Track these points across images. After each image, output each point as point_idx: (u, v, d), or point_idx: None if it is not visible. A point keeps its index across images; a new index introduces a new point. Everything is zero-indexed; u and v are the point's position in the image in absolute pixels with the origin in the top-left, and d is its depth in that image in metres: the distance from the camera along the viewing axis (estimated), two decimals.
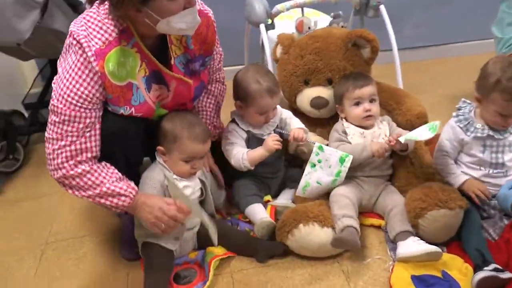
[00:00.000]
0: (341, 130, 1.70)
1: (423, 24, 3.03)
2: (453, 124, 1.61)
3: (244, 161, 1.63)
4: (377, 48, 1.79)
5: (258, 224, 1.58)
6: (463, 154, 1.62)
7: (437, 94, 2.59)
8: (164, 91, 1.48)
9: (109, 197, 1.40)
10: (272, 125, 1.73)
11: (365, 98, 1.67)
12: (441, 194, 1.48)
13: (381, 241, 1.61)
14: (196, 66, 1.55)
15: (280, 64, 1.91)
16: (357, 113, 1.68)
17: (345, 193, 1.61)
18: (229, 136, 1.69)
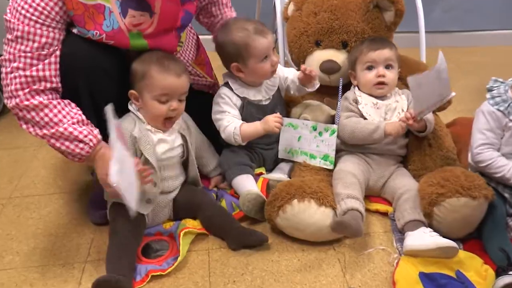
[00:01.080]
0: (352, 99, 1.48)
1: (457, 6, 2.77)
2: (491, 109, 1.35)
3: (236, 136, 1.43)
4: (402, 11, 1.57)
5: (243, 196, 1.36)
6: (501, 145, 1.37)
7: (459, 85, 2.36)
8: (146, 18, 1.27)
9: (65, 141, 1.20)
10: (271, 89, 1.52)
11: (379, 62, 1.46)
12: (464, 180, 1.25)
13: (386, 230, 1.39)
14: None
15: (290, 22, 1.69)
16: (368, 78, 1.46)
17: (352, 170, 1.39)
18: (220, 103, 1.47)
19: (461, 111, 1.98)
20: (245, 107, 1.48)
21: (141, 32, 1.28)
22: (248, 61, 1.42)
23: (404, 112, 1.46)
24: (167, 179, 1.36)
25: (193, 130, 1.44)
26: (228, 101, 1.47)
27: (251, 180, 1.44)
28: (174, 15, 1.32)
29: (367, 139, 1.41)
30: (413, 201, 1.33)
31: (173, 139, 1.35)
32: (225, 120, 1.45)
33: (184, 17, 1.40)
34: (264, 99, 1.50)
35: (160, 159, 1.32)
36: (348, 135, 1.43)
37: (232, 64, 1.45)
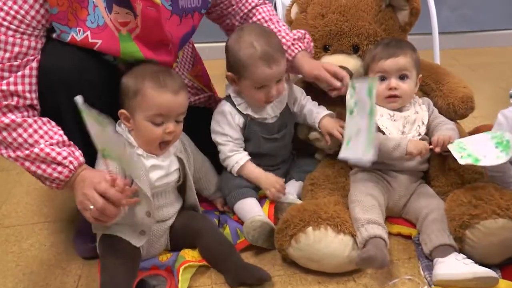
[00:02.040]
0: None
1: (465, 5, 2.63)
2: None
3: (234, 171, 1.32)
4: (418, 10, 1.43)
5: (247, 224, 1.20)
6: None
7: (477, 87, 2.16)
8: (132, 18, 1.13)
9: (42, 164, 1.06)
10: (278, 107, 1.36)
11: (391, 72, 1.30)
12: (500, 198, 1.10)
13: (411, 256, 1.23)
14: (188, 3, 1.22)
15: (294, 26, 1.54)
16: (380, 90, 1.30)
17: (370, 190, 1.23)
18: (221, 123, 1.32)
19: (478, 117, 1.84)
20: (247, 126, 1.33)
21: (130, 32, 1.14)
22: (243, 81, 1.27)
23: (424, 125, 1.31)
24: (162, 206, 1.21)
25: (191, 151, 1.28)
26: (230, 120, 1.31)
27: (256, 204, 1.28)
28: (155, 23, 1.16)
29: (386, 157, 1.25)
30: (441, 222, 1.18)
31: (169, 164, 1.19)
32: (227, 149, 1.32)
33: (188, 33, 1.27)
34: (270, 117, 1.35)
35: (154, 186, 1.17)
36: None
37: (229, 73, 1.30)
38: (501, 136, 1.18)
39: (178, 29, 1.23)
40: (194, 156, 1.30)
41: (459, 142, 1.23)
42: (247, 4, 1.42)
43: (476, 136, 1.24)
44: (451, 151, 1.21)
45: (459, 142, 1.23)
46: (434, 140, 1.24)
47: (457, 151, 1.20)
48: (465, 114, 1.43)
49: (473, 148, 1.19)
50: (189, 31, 1.27)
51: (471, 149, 1.19)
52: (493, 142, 1.18)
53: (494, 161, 1.14)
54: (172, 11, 1.20)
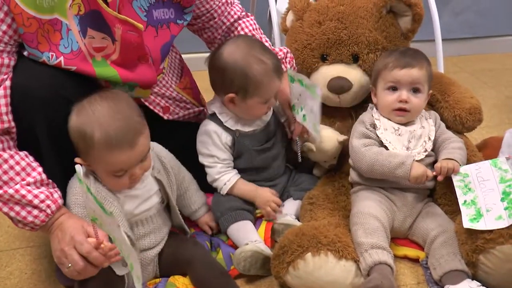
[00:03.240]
0: (369, 123, 1.24)
1: (467, 10, 2.55)
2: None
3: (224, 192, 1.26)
4: (421, 15, 1.34)
5: (237, 254, 1.11)
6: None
7: (482, 95, 2.13)
8: (109, 43, 1.05)
9: (15, 206, 0.97)
10: (268, 114, 1.29)
11: (404, 83, 1.21)
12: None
13: (420, 281, 1.14)
14: (162, 14, 1.14)
15: (290, 35, 1.46)
16: (389, 101, 1.23)
17: (374, 211, 1.14)
18: (208, 144, 1.24)
19: (485, 127, 1.76)
20: (237, 142, 1.25)
21: (105, 58, 1.06)
22: (250, 99, 1.19)
23: (430, 141, 1.23)
24: (147, 234, 1.12)
25: (171, 168, 1.18)
26: (215, 140, 1.23)
27: (250, 228, 1.20)
28: (136, 47, 1.09)
29: (388, 175, 1.17)
30: (451, 245, 1.10)
31: (146, 190, 1.10)
32: (215, 171, 1.24)
33: (167, 44, 1.19)
34: (259, 127, 1.28)
35: (134, 215, 1.08)
36: (366, 167, 1.19)
37: (229, 95, 1.20)
38: (510, 185, 1.08)
39: (155, 41, 1.16)
40: (175, 172, 1.20)
41: (465, 175, 1.15)
42: (230, 17, 1.35)
43: (485, 169, 1.14)
44: (455, 187, 1.14)
45: (465, 175, 1.15)
46: (437, 167, 1.16)
47: (462, 190, 1.13)
48: (473, 126, 1.36)
49: (480, 192, 1.10)
50: (167, 41, 1.19)
51: (477, 193, 1.10)
52: (500, 191, 1.08)
53: (493, 224, 1.03)
54: (147, 22, 1.13)
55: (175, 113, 1.36)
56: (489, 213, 1.05)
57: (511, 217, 1.02)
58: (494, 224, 1.03)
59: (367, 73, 1.35)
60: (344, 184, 1.31)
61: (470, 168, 1.17)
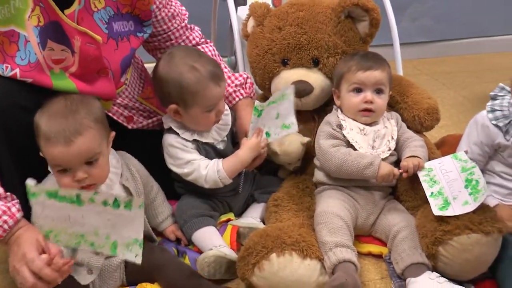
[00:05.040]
0: (336, 123, 1.27)
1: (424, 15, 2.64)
2: (487, 122, 1.17)
3: (224, 179, 1.22)
4: (378, 20, 1.38)
5: (200, 259, 1.11)
6: (495, 162, 1.20)
7: (441, 96, 2.21)
8: (69, 55, 1.05)
9: None
10: (224, 129, 1.29)
11: (368, 85, 1.25)
12: (473, 213, 1.06)
13: (383, 276, 1.17)
14: (121, 26, 1.14)
15: (250, 40, 1.48)
16: (354, 102, 1.26)
17: (337, 210, 1.17)
18: (179, 154, 1.23)
19: (444, 126, 1.82)
20: (201, 149, 1.25)
21: (64, 70, 1.06)
22: (191, 108, 1.19)
23: (393, 140, 1.27)
24: None
25: (140, 177, 1.18)
26: (183, 147, 1.23)
27: (214, 233, 1.21)
28: (95, 59, 1.09)
29: (358, 176, 1.20)
30: (412, 240, 1.13)
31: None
32: (201, 169, 1.22)
33: (127, 57, 1.20)
34: (217, 141, 1.27)
35: None
36: (335, 168, 1.21)
37: (171, 106, 1.21)
38: (471, 172, 1.13)
39: (116, 54, 1.17)
40: (144, 182, 1.20)
41: (429, 169, 1.19)
42: (187, 41, 1.37)
43: (447, 162, 1.19)
44: (421, 181, 1.17)
45: (429, 169, 1.19)
46: (403, 165, 1.20)
47: (428, 183, 1.16)
48: (431, 125, 1.40)
49: (445, 183, 1.14)
50: (128, 54, 1.20)
51: (442, 184, 1.15)
52: (463, 179, 1.13)
53: (461, 209, 1.07)
54: (108, 34, 1.14)
55: (139, 122, 1.36)
56: (456, 200, 1.09)
57: (476, 201, 1.06)
58: (462, 209, 1.07)
59: (327, 76, 1.38)
60: (308, 185, 1.33)
61: (433, 163, 1.21)
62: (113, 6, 1.13)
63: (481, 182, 1.09)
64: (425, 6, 2.64)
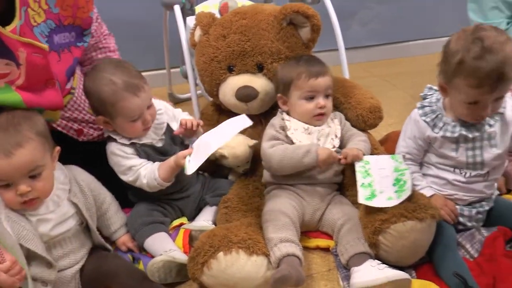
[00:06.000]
0: (279, 125, 1.32)
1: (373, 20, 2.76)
2: (417, 117, 1.25)
3: (161, 184, 1.25)
4: (318, 26, 1.44)
5: (149, 266, 1.14)
6: (431, 154, 1.27)
7: (387, 97, 2.29)
8: (13, 69, 1.06)
9: None
10: (159, 128, 1.32)
11: (320, 91, 1.31)
12: (407, 201, 1.12)
13: (330, 268, 1.22)
14: (62, 38, 1.17)
15: (198, 49, 1.52)
16: (308, 108, 1.31)
17: (283, 208, 1.21)
18: (120, 162, 1.26)
19: (393, 124, 1.90)
20: (140, 152, 1.28)
21: (10, 84, 1.07)
22: (116, 119, 1.23)
23: (337, 138, 1.34)
24: (66, 254, 1.13)
25: (90, 191, 1.20)
26: (123, 154, 1.26)
27: (165, 238, 1.24)
28: (42, 69, 1.11)
29: (298, 166, 1.25)
30: (356, 231, 1.19)
31: (61, 213, 1.11)
32: (141, 178, 1.25)
33: (71, 67, 1.22)
34: (155, 141, 1.30)
35: (51, 237, 1.09)
36: (277, 164, 1.26)
37: (99, 117, 1.25)
38: (402, 173, 1.19)
39: (59, 66, 1.19)
40: (95, 194, 1.22)
41: (366, 162, 1.26)
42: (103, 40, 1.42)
43: (383, 160, 1.26)
44: (356, 171, 1.23)
45: (366, 162, 1.26)
46: (343, 152, 1.26)
47: (362, 174, 1.23)
48: (374, 123, 1.46)
49: (376, 177, 1.21)
50: (71, 64, 1.23)
51: (374, 178, 1.21)
52: (393, 178, 1.20)
53: (384, 202, 1.15)
54: (49, 47, 1.15)
55: (89, 135, 1.38)
56: (382, 194, 1.16)
57: (400, 197, 1.13)
58: (385, 203, 1.14)
59: (272, 81, 1.43)
60: (257, 186, 1.38)
61: (371, 158, 1.28)
62: (55, 18, 1.15)
63: (408, 183, 1.16)
64: (374, 11, 2.74)
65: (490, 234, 1.22)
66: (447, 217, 1.21)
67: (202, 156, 1.15)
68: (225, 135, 1.17)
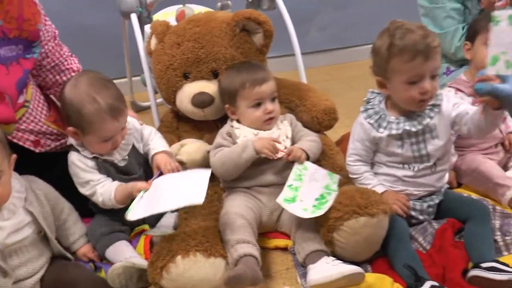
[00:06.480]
0: (226, 132, 1.36)
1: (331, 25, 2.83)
2: (362, 121, 1.30)
3: (115, 206, 1.25)
4: (270, 31, 1.48)
5: (109, 273, 1.15)
6: (380, 154, 1.32)
7: (350, 97, 2.34)
8: None
9: None
10: (125, 148, 1.32)
11: (266, 97, 1.34)
12: (359, 198, 1.16)
13: (289, 267, 1.25)
14: (9, 51, 1.17)
15: (154, 57, 1.54)
16: (257, 116, 1.35)
17: (240, 210, 1.24)
18: (79, 173, 1.26)
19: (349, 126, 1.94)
20: (101, 167, 1.28)
21: None
22: (87, 135, 1.23)
23: (288, 139, 1.37)
24: (22, 264, 1.12)
25: (47, 200, 1.19)
26: (83, 166, 1.26)
27: (126, 247, 1.25)
28: None
29: (240, 164, 1.28)
30: (312, 230, 1.22)
31: (17, 221, 1.10)
32: (98, 195, 1.26)
33: (21, 79, 1.21)
34: (117, 160, 1.30)
35: (5, 245, 1.08)
36: (221, 168, 1.30)
37: (70, 128, 1.24)
38: (329, 193, 1.23)
39: (8, 79, 1.19)
40: (52, 204, 1.22)
41: (304, 168, 1.29)
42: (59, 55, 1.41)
43: (321, 174, 1.30)
44: (292, 172, 1.27)
45: (304, 168, 1.29)
46: (289, 148, 1.30)
47: (295, 176, 1.27)
48: (330, 125, 1.51)
49: (306, 186, 1.25)
50: (21, 76, 1.22)
51: (303, 185, 1.25)
52: (320, 193, 1.24)
53: (297, 211, 1.19)
54: None
55: (46, 145, 1.38)
56: (301, 202, 1.21)
57: (313, 213, 1.17)
58: (298, 211, 1.19)
59: None
60: (216, 190, 1.40)
61: (312, 166, 1.31)
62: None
63: (327, 204, 1.18)
64: (331, 16, 2.82)
65: (440, 226, 1.27)
66: (400, 210, 1.25)
67: (150, 209, 1.13)
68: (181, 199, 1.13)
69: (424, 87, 1.18)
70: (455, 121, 1.25)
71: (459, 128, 1.25)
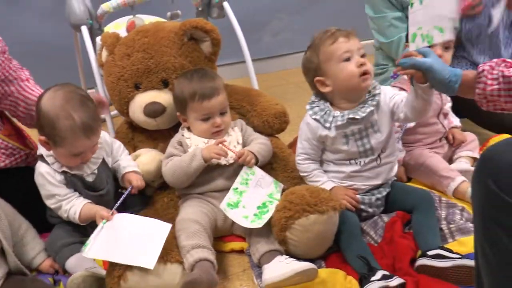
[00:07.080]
0: (176, 142, 1.38)
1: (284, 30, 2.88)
2: (309, 120, 1.35)
3: (76, 220, 1.26)
4: (218, 40, 1.51)
5: (68, 283, 1.15)
6: (328, 152, 1.37)
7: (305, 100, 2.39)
8: None
9: None
10: (94, 162, 1.32)
11: (215, 111, 1.36)
12: (309, 197, 1.20)
13: (245, 268, 1.28)
14: None
15: (105, 69, 1.55)
16: (205, 128, 1.37)
17: (194, 216, 1.27)
18: (46, 185, 1.26)
19: None
20: (69, 182, 1.28)
21: None
22: (58, 148, 1.23)
23: (240, 145, 1.40)
24: None
25: (2, 213, 1.18)
26: (51, 180, 1.26)
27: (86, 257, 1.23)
28: None
29: (190, 173, 1.31)
30: (265, 231, 1.25)
31: None
32: (62, 211, 1.26)
33: None
34: (86, 174, 1.31)
35: None
36: (172, 179, 1.34)
37: (41, 137, 1.24)
38: (272, 201, 1.27)
39: None
40: (10, 220, 1.21)
41: (252, 173, 1.33)
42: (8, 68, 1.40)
43: (267, 181, 1.34)
44: (239, 175, 1.31)
45: (252, 173, 1.33)
46: (240, 151, 1.33)
47: (241, 180, 1.30)
48: (281, 128, 1.55)
49: (250, 191, 1.29)
50: None
51: (248, 190, 1.29)
52: (262, 201, 1.28)
53: (237, 217, 1.24)
54: None
55: (1, 161, 1.37)
56: (243, 209, 1.25)
57: (252, 222, 1.23)
58: (238, 219, 1.24)
59: None
60: (172, 198, 1.42)
61: (259, 171, 1.35)
62: None
63: (268, 214, 1.24)
64: (283, 21, 2.87)
65: (390, 219, 1.33)
66: (349, 205, 1.30)
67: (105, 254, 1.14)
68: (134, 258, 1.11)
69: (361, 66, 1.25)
70: (393, 110, 1.31)
71: (398, 116, 1.30)
